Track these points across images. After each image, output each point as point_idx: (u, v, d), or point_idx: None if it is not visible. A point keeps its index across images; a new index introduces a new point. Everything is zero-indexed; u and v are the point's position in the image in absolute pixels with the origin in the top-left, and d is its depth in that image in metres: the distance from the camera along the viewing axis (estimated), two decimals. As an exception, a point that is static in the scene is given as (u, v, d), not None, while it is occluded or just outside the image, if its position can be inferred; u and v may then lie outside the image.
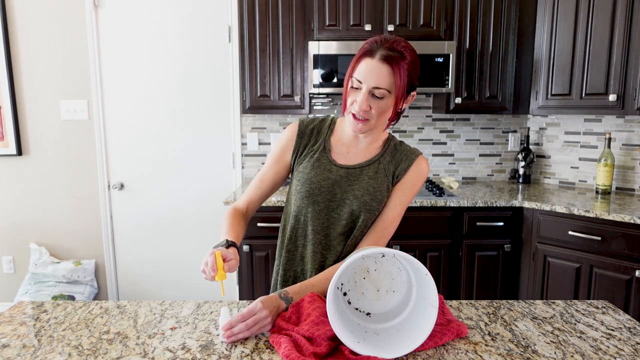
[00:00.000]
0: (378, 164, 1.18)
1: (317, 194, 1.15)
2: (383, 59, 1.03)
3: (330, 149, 1.20)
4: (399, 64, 1.03)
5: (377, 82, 1.04)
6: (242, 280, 2.51)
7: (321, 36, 2.55)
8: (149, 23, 2.83)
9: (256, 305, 0.96)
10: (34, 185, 2.97)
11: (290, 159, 1.23)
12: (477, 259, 2.46)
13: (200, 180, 2.99)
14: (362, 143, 1.19)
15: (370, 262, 1.02)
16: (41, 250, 2.94)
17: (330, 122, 1.24)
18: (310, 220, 1.18)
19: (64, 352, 0.91)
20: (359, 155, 1.19)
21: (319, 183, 1.16)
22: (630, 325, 1.03)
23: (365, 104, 1.05)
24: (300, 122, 1.23)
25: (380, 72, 1.03)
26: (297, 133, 1.22)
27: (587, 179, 2.77)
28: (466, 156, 3.04)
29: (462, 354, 0.90)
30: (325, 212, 1.17)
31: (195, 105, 2.92)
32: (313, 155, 1.19)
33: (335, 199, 1.16)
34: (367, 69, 1.04)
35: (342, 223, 1.16)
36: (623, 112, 2.32)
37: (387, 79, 1.03)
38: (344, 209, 1.16)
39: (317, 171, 1.17)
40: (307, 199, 1.16)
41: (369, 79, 1.04)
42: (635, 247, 2.07)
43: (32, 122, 2.90)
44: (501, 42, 2.59)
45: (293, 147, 1.22)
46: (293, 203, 1.21)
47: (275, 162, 1.24)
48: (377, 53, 1.03)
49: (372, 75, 1.03)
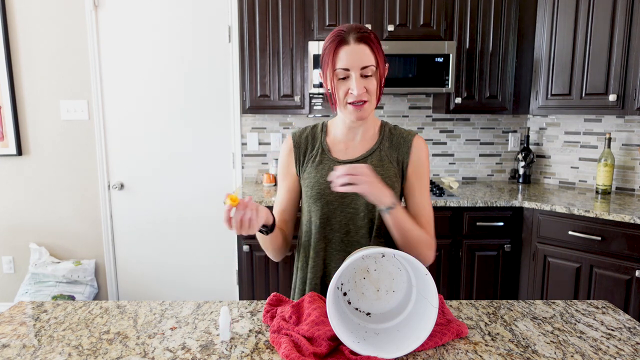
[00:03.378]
0: (380, 151, 1.19)
1: (329, 193, 1.16)
2: (358, 40, 1.07)
3: (329, 149, 1.21)
4: (372, 39, 1.08)
5: (363, 62, 1.06)
6: (242, 280, 2.51)
7: (321, 36, 2.55)
8: (149, 23, 2.83)
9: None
10: (34, 185, 2.97)
11: (295, 170, 1.24)
12: (477, 259, 2.46)
13: (200, 180, 2.99)
14: (358, 135, 1.20)
15: (370, 262, 1.02)
16: (41, 250, 2.94)
17: (322, 126, 1.26)
18: (328, 220, 1.18)
19: (64, 352, 0.91)
20: (358, 148, 1.20)
21: (327, 182, 1.16)
22: (630, 325, 1.03)
23: (360, 87, 1.07)
24: (293, 134, 1.26)
25: (361, 52, 1.06)
26: (292, 144, 1.24)
27: (587, 179, 2.77)
28: (466, 156, 3.04)
29: (462, 354, 0.90)
30: (341, 210, 1.17)
31: (195, 105, 2.92)
32: (314, 159, 1.20)
33: (347, 195, 1.16)
34: (349, 54, 1.07)
35: (360, 215, 1.16)
36: (623, 112, 2.32)
37: (369, 56, 1.07)
38: (359, 201, 1.16)
39: (322, 172, 1.18)
40: (319, 200, 1.17)
41: (355, 62, 1.06)
42: (635, 247, 2.06)
43: (32, 122, 2.90)
44: (501, 42, 2.59)
45: (294, 159, 1.23)
46: (306, 210, 1.22)
47: (284, 178, 1.25)
48: (349, 38, 1.07)
49: (356, 57, 1.06)
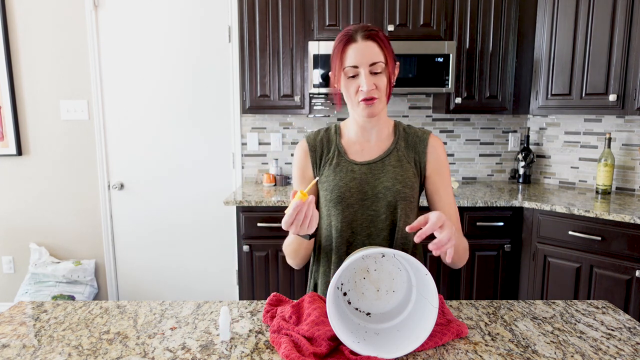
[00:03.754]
0: (397, 151, 1.18)
1: (349, 196, 1.15)
2: (366, 38, 1.07)
3: (345, 152, 1.20)
4: (380, 36, 1.09)
5: (372, 58, 1.07)
6: (242, 280, 2.51)
7: (321, 36, 2.55)
8: (149, 23, 2.83)
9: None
10: (34, 185, 2.97)
11: (312, 174, 1.22)
12: (477, 259, 2.46)
13: (200, 180, 2.99)
14: (372, 136, 1.19)
15: (370, 262, 1.02)
16: (41, 250, 2.94)
17: (335, 128, 1.24)
18: (349, 224, 1.17)
19: (64, 352, 0.91)
20: (374, 149, 1.19)
21: (346, 185, 1.15)
22: (630, 325, 1.03)
23: (370, 83, 1.07)
24: (307, 138, 1.24)
25: (370, 49, 1.07)
26: (308, 148, 1.22)
27: (587, 179, 2.77)
28: (466, 156, 3.04)
29: (462, 354, 0.90)
30: (362, 212, 1.16)
31: (195, 105, 2.92)
32: (331, 162, 1.19)
33: (367, 197, 1.15)
34: (357, 51, 1.07)
35: (382, 217, 1.15)
36: (623, 112, 2.32)
37: (378, 53, 1.07)
38: (380, 203, 1.15)
39: (340, 175, 1.17)
40: (340, 204, 1.16)
41: (364, 59, 1.06)
42: (635, 247, 2.06)
43: (32, 122, 2.90)
44: (501, 42, 2.59)
45: (310, 162, 1.21)
46: (325, 214, 1.20)
47: (301, 182, 1.23)
48: (357, 36, 1.07)
49: (365, 54, 1.06)
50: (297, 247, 1.15)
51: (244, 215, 2.43)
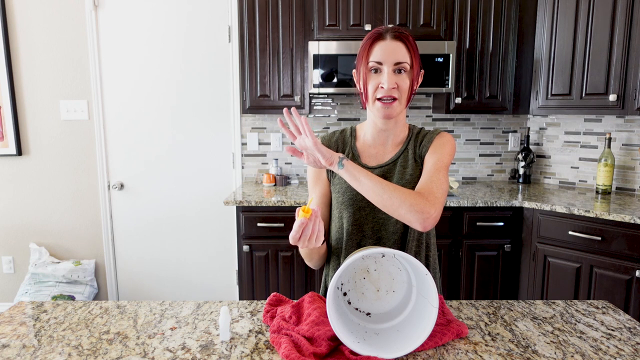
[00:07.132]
0: (407, 153, 1.18)
1: (360, 199, 1.15)
2: (395, 37, 1.08)
3: (359, 155, 1.20)
4: (409, 39, 1.09)
5: (397, 57, 1.07)
6: (242, 280, 2.51)
7: (321, 36, 2.55)
8: (149, 23, 2.83)
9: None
10: (34, 185, 2.97)
11: (326, 175, 1.22)
12: (477, 259, 2.46)
13: (200, 180, 2.99)
14: (388, 140, 1.19)
15: (370, 262, 1.02)
16: (41, 250, 2.94)
17: (351, 130, 1.24)
18: (360, 227, 1.17)
19: (64, 352, 0.91)
20: (388, 153, 1.19)
21: None
22: (631, 325, 1.03)
23: (392, 81, 1.06)
24: (322, 139, 1.23)
25: (397, 48, 1.07)
26: None
27: (587, 179, 2.77)
28: (466, 156, 3.04)
29: (462, 354, 0.90)
30: (372, 215, 1.16)
31: (195, 105, 2.92)
32: None
33: None
34: (384, 48, 1.07)
35: (392, 221, 1.15)
36: (623, 112, 2.32)
37: (405, 54, 1.08)
38: None
39: None
40: (351, 206, 1.16)
41: (390, 57, 1.07)
42: (635, 247, 2.06)
43: (32, 122, 2.90)
44: (501, 42, 2.59)
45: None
46: (337, 217, 1.20)
47: (315, 184, 1.23)
48: (387, 35, 1.08)
49: (391, 52, 1.07)
50: (309, 252, 1.16)
51: (244, 215, 2.43)
